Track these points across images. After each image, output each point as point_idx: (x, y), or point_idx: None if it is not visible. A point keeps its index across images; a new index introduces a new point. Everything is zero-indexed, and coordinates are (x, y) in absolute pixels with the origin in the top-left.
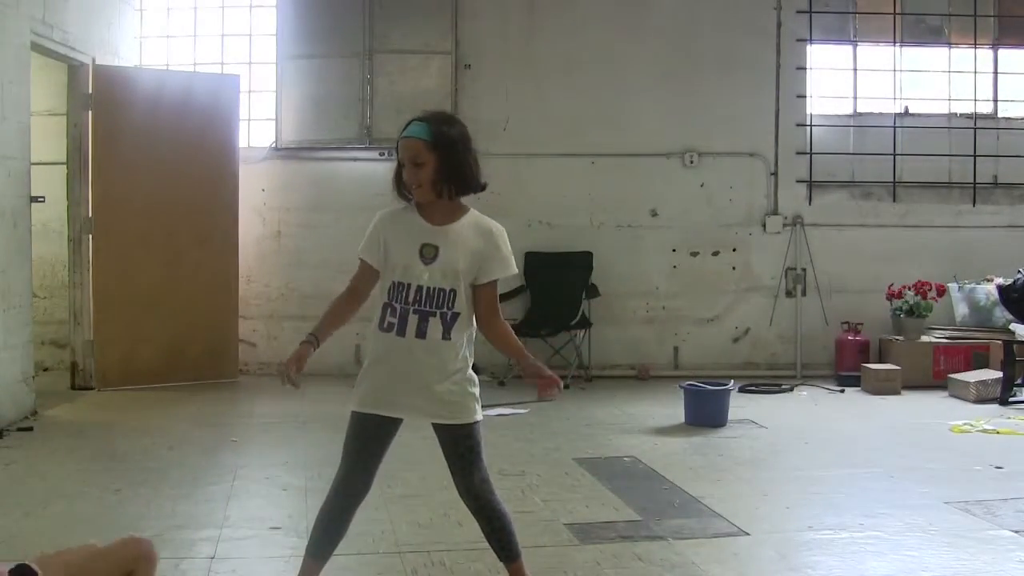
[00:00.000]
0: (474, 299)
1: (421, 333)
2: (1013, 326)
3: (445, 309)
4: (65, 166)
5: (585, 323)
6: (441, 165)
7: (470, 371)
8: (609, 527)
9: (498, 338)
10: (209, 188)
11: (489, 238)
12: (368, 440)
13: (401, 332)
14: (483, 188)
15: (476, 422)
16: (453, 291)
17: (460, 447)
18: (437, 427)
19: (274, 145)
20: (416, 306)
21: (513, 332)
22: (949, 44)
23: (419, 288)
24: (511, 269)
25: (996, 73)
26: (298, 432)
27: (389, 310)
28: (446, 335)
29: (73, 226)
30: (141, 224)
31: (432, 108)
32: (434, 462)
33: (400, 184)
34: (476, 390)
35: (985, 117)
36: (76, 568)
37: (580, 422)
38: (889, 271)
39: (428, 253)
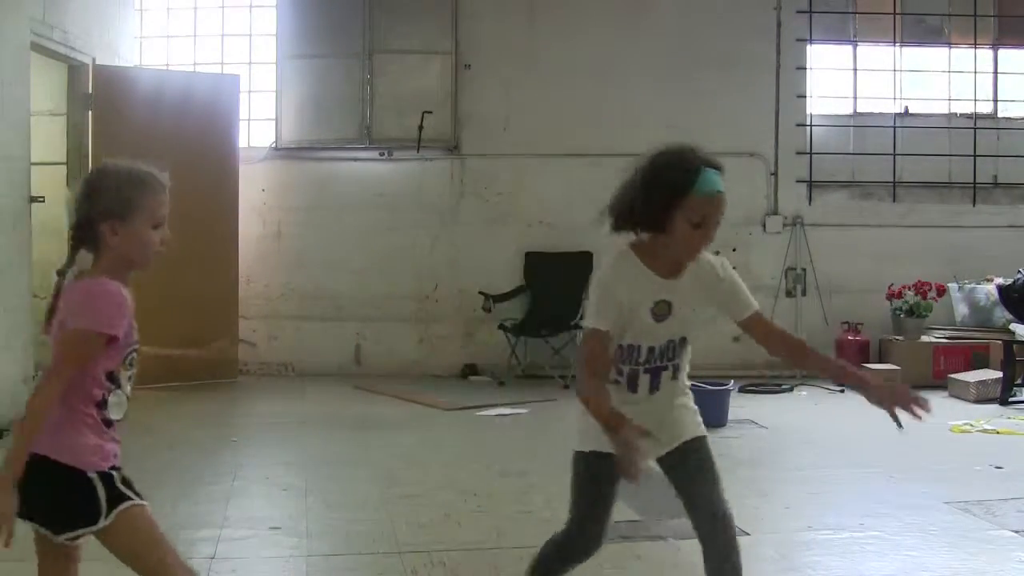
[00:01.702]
0: (753, 334)
1: (655, 387)
2: (1013, 326)
3: (677, 360)
4: (65, 166)
5: None
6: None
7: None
8: (609, 527)
9: (809, 358)
10: (209, 188)
11: (720, 273)
12: (602, 484)
13: (632, 389)
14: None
15: (704, 436)
16: (684, 339)
17: (692, 462)
18: (666, 456)
19: (274, 145)
20: (647, 365)
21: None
22: (949, 44)
23: (651, 348)
24: (755, 304)
25: (996, 73)
26: (298, 432)
27: (615, 369)
28: (675, 376)
29: None
30: None
31: (427, 107)
32: (434, 462)
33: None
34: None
35: (985, 117)
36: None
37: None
38: (889, 271)
39: (661, 311)
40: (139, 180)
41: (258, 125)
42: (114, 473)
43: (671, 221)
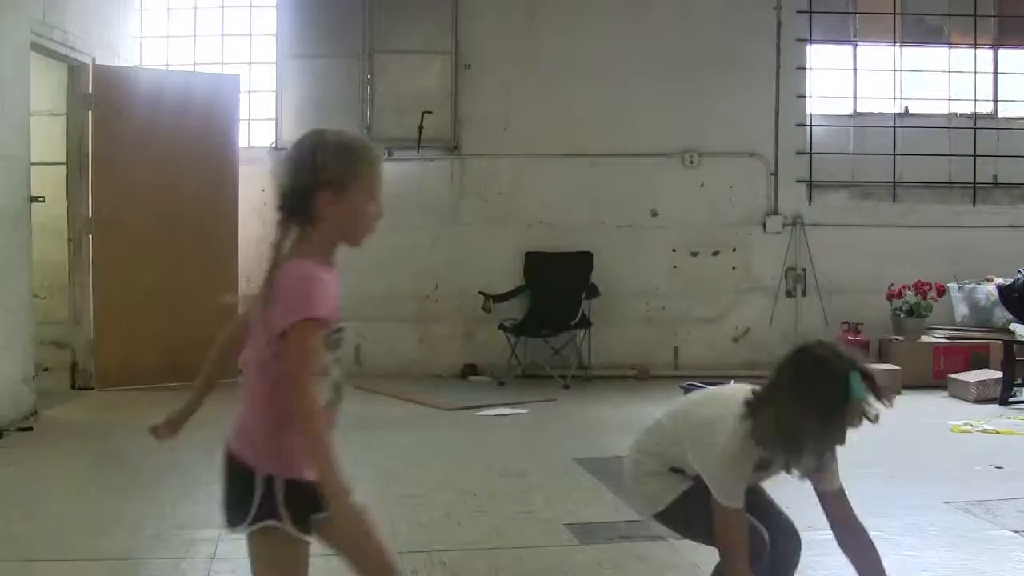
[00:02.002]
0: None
1: None
2: (1013, 326)
3: None
4: (65, 166)
5: (585, 323)
6: None
7: None
8: (609, 527)
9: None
10: (209, 188)
11: None
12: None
13: None
14: None
15: None
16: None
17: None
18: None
19: (274, 145)
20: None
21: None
22: (949, 44)
23: None
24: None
25: (996, 73)
26: None
27: None
28: None
29: (73, 226)
30: (141, 224)
31: (427, 107)
32: (434, 462)
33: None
34: None
35: (985, 117)
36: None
37: (580, 422)
38: (889, 271)
39: (763, 465)
40: (361, 151)
41: (258, 125)
42: (283, 490)
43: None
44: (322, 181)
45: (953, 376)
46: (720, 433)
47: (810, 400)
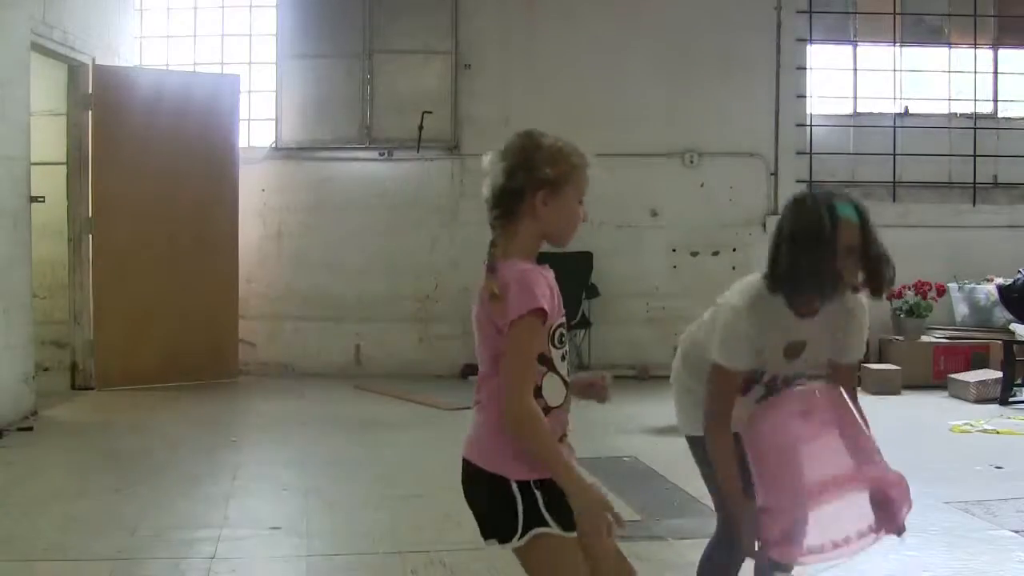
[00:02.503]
0: (831, 373)
1: (764, 397)
2: (1013, 326)
3: (795, 385)
4: (65, 166)
5: (585, 323)
6: (863, 253)
7: None
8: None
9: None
10: (209, 188)
11: (851, 320)
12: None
13: (743, 393)
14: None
15: None
16: (806, 374)
17: None
18: None
19: (274, 145)
20: (769, 385)
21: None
22: (949, 44)
23: (774, 376)
24: (860, 353)
25: (996, 73)
26: (298, 432)
27: (755, 389)
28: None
29: (73, 226)
30: (141, 224)
31: (427, 107)
32: (434, 462)
33: (833, 283)
34: None
35: (985, 117)
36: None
37: (580, 422)
38: None
39: (794, 351)
40: (574, 154)
41: (258, 125)
42: (539, 493)
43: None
44: (538, 180)
45: (953, 376)
46: (730, 297)
47: (799, 233)
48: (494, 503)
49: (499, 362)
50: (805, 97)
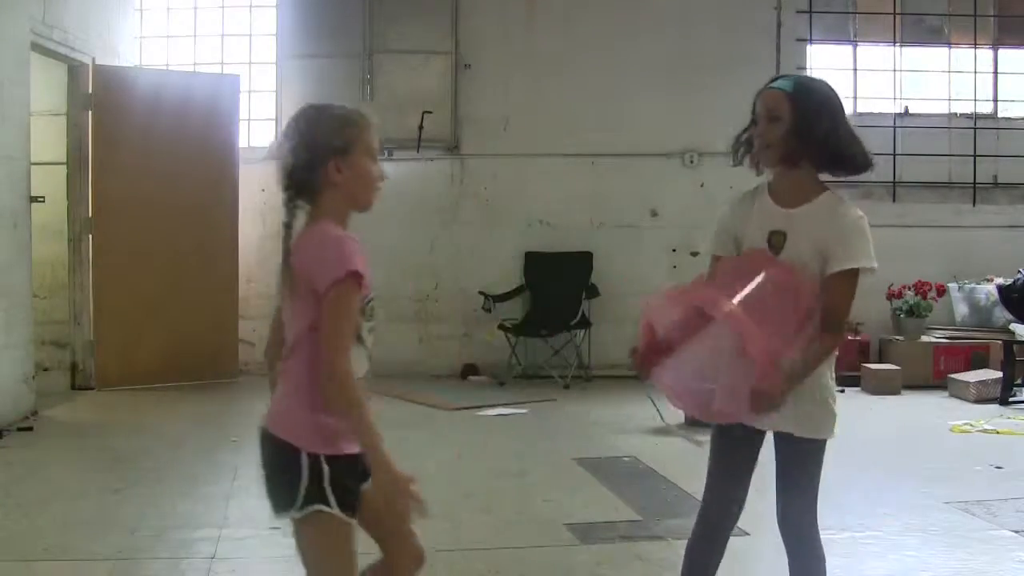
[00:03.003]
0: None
1: None
2: (1013, 326)
3: None
4: (65, 166)
5: (585, 323)
6: (799, 125)
7: (825, 379)
8: (609, 527)
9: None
10: (209, 188)
11: (846, 224)
12: (730, 452)
13: None
14: (863, 167)
15: (822, 440)
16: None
17: (790, 464)
18: (776, 438)
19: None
20: None
21: (831, 351)
22: (949, 44)
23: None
24: (862, 261)
25: (996, 73)
26: None
27: None
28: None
29: (73, 226)
30: (141, 224)
31: (427, 107)
32: (434, 462)
33: (744, 148)
34: (833, 404)
35: (985, 117)
36: None
37: (580, 422)
38: (889, 271)
39: (777, 242)
40: (356, 116)
41: (258, 125)
42: (326, 469)
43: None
44: (326, 150)
45: (953, 376)
46: None
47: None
48: (279, 471)
49: (303, 339)
50: None
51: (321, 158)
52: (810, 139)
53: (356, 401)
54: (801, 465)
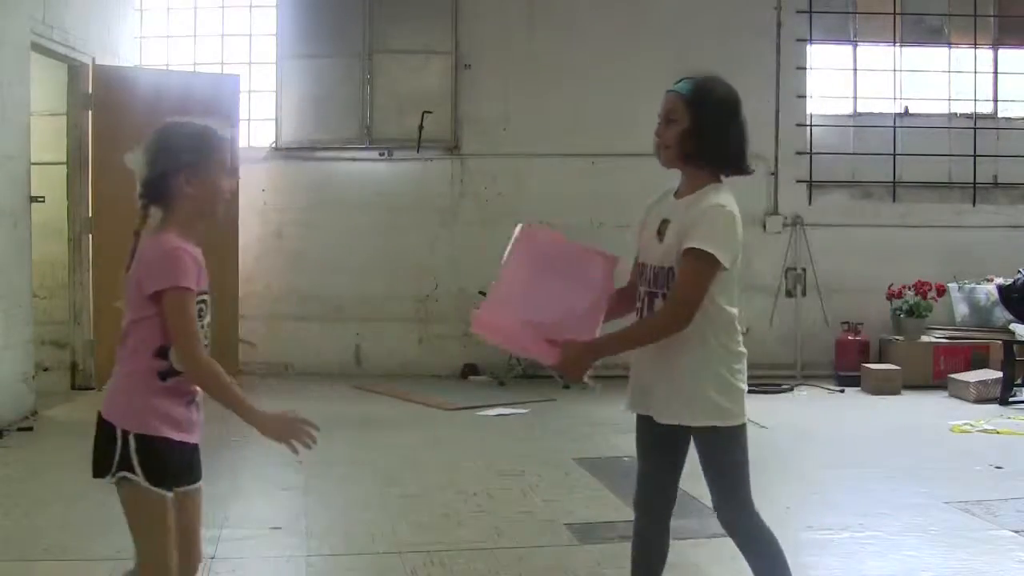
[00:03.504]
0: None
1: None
2: (1013, 326)
3: (666, 290)
4: (65, 166)
5: None
6: (693, 126)
7: (722, 368)
8: (609, 527)
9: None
10: None
11: (702, 209)
12: (642, 445)
13: (639, 315)
14: (743, 169)
15: (720, 427)
16: (671, 270)
17: (708, 459)
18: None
19: (274, 145)
20: (647, 287)
21: (661, 328)
22: (949, 44)
23: (650, 267)
24: (702, 243)
25: (996, 73)
26: None
27: (637, 293)
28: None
29: (73, 226)
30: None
31: (427, 107)
32: (434, 462)
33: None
34: (731, 391)
35: (985, 117)
36: None
37: (580, 422)
38: (889, 271)
39: (663, 229)
40: (208, 133)
41: (258, 125)
42: (134, 443)
43: None
44: (178, 164)
45: (953, 376)
46: None
47: None
48: (101, 442)
49: (139, 324)
50: (805, 97)
51: (173, 171)
52: (703, 141)
53: (221, 384)
54: (707, 456)
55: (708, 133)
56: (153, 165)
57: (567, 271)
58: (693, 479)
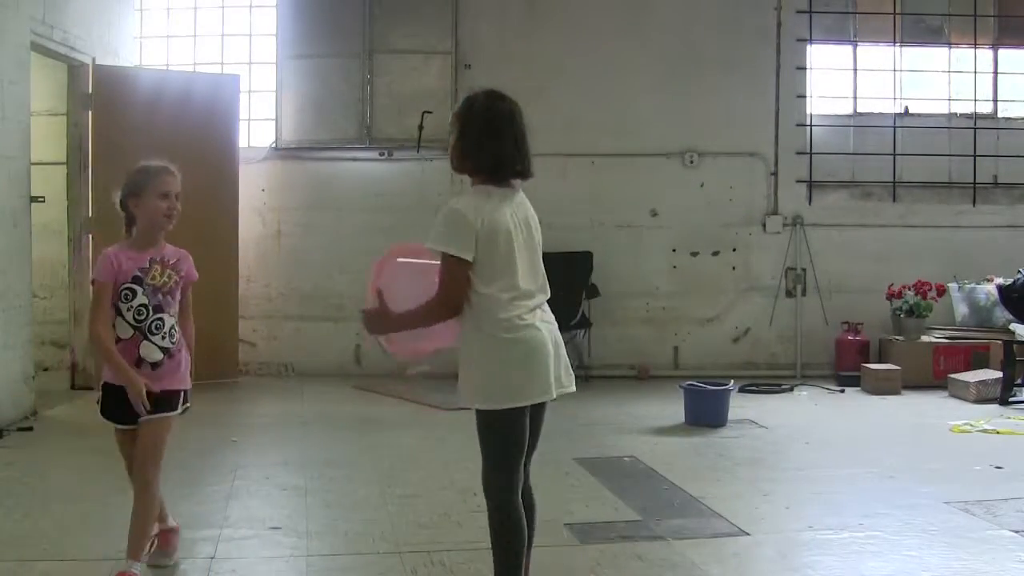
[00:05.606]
0: None
1: None
2: (1013, 326)
3: None
4: (65, 166)
5: (585, 323)
6: (458, 139)
7: (488, 355)
8: (609, 527)
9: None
10: (209, 188)
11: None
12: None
13: None
14: (497, 172)
15: (481, 410)
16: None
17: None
18: None
19: (274, 145)
20: None
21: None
22: (949, 44)
23: None
24: (430, 239)
25: (996, 73)
26: (298, 432)
27: None
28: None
29: (73, 226)
30: None
31: (427, 107)
32: (434, 462)
33: None
34: (492, 377)
35: (985, 117)
36: None
37: (580, 422)
38: (889, 271)
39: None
40: (144, 168)
41: (258, 125)
42: (99, 389)
43: None
44: (127, 194)
45: (953, 376)
46: None
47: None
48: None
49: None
50: (805, 97)
51: (125, 197)
52: (465, 151)
53: (106, 349)
54: (479, 431)
55: (467, 144)
56: (119, 196)
57: (415, 279)
58: (693, 479)
